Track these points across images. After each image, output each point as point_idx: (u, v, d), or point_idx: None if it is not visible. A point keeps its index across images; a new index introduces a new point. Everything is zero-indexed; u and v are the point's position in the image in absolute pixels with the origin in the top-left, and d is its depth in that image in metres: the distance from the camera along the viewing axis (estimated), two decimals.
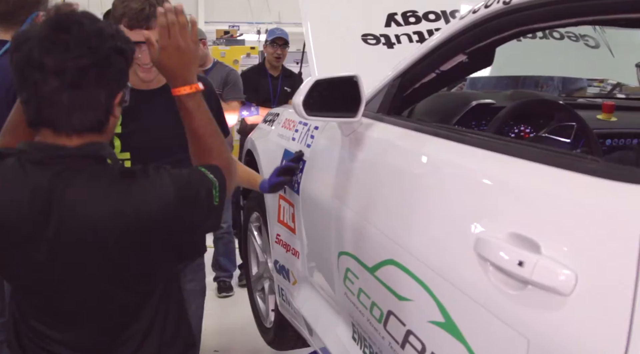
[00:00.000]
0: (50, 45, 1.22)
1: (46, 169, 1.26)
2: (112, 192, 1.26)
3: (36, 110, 1.26)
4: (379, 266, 1.55)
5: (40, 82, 1.22)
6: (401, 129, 1.70)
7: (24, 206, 1.26)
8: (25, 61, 1.23)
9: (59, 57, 1.21)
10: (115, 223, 1.24)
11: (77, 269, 1.29)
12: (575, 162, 1.06)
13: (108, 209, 1.24)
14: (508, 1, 1.40)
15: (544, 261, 0.98)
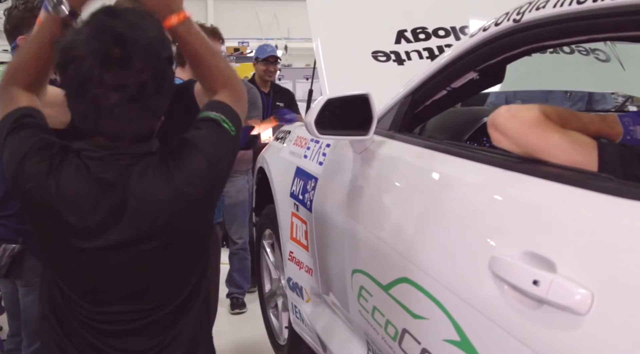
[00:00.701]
0: (108, 61, 1.25)
1: (110, 164, 1.35)
2: (164, 178, 1.35)
3: (95, 122, 1.31)
4: (393, 284, 1.55)
5: (101, 97, 1.26)
6: (413, 147, 1.71)
7: (90, 199, 1.34)
8: (84, 77, 1.25)
9: (119, 74, 1.25)
10: (173, 204, 1.35)
11: (148, 252, 1.39)
12: (590, 180, 1.06)
13: (167, 193, 1.35)
14: (518, 19, 1.41)
15: (559, 280, 0.98)
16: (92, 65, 1.24)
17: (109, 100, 1.26)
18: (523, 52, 1.51)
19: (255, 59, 4.84)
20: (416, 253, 1.47)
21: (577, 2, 1.24)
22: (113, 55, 1.24)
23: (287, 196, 2.56)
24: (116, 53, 1.25)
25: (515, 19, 1.42)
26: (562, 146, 1.19)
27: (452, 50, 1.71)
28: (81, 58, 1.25)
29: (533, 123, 1.23)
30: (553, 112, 1.27)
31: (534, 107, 1.25)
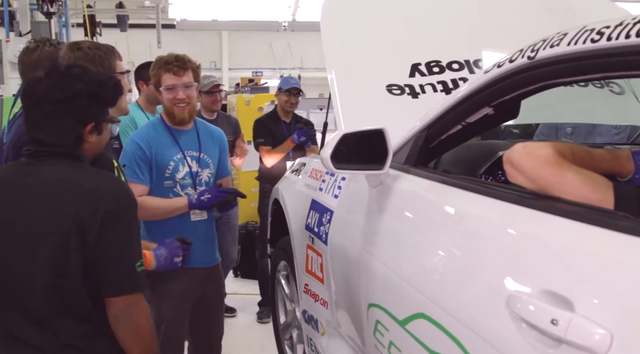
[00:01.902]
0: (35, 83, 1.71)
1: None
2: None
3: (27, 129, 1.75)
4: (409, 319, 1.55)
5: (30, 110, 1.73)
6: (429, 182, 1.72)
7: None
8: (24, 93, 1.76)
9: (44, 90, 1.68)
10: None
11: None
12: (607, 219, 1.07)
13: None
14: (532, 56, 1.43)
15: (578, 319, 0.98)
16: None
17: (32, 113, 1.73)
18: (537, 89, 1.53)
19: (279, 90, 4.93)
20: (433, 289, 1.47)
21: (592, 40, 1.25)
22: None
23: (302, 229, 2.57)
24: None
25: (530, 56, 1.44)
26: (578, 184, 1.20)
27: (467, 86, 1.73)
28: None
29: (548, 161, 1.24)
30: (567, 150, 1.29)
31: (549, 145, 1.26)
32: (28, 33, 7.08)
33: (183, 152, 2.82)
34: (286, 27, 9.98)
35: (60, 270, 1.62)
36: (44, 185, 1.67)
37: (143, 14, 14.86)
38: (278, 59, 21.16)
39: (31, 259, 1.62)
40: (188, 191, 2.81)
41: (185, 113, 2.79)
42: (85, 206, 1.62)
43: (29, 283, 1.62)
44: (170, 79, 2.75)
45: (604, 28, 1.24)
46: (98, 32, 9.68)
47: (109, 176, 1.84)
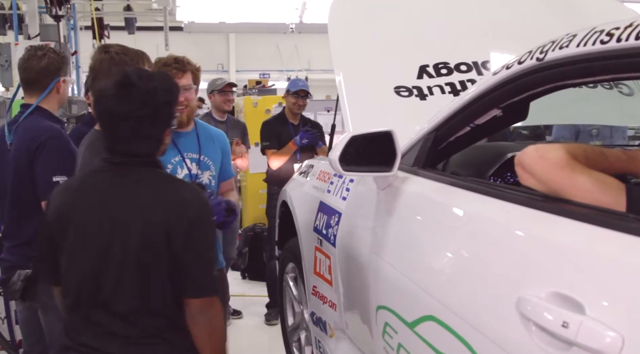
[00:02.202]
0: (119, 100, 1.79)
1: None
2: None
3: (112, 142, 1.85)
4: (418, 321, 1.55)
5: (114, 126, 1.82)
6: (438, 184, 1.71)
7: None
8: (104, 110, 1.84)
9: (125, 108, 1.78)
10: None
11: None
12: (618, 221, 1.06)
13: None
14: (541, 57, 1.43)
15: (588, 322, 0.97)
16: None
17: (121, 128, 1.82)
18: (546, 90, 1.52)
19: (287, 92, 4.93)
20: (442, 291, 1.46)
21: (601, 41, 1.25)
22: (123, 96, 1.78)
23: (310, 231, 2.57)
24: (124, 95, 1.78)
25: (539, 57, 1.43)
26: (590, 187, 1.20)
27: (475, 88, 1.73)
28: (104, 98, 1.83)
29: (560, 164, 1.23)
30: (580, 152, 1.28)
31: (561, 148, 1.26)
32: (37, 36, 7.11)
33: (182, 154, 2.77)
34: (293, 29, 10.00)
35: (150, 272, 1.76)
36: (133, 193, 1.81)
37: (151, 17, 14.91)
38: (285, 61, 21.17)
39: (123, 261, 1.76)
40: None
41: (184, 116, 2.74)
42: (173, 214, 1.77)
43: (119, 283, 1.76)
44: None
45: (613, 29, 1.23)
46: (106, 35, 9.71)
47: (187, 184, 2.01)
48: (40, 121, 2.71)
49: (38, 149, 2.62)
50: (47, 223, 1.88)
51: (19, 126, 2.71)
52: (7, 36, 9.82)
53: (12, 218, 2.79)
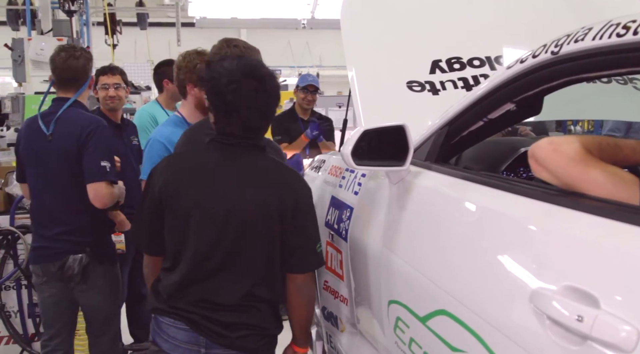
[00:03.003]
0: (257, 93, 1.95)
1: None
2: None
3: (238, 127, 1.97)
4: (430, 315, 1.54)
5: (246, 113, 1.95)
6: (450, 178, 1.71)
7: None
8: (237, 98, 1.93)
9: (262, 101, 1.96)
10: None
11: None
12: (632, 215, 1.05)
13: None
14: (556, 51, 1.41)
15: (603, 316, 0.96)
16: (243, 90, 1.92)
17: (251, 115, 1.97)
18: (561, 84, 1.51)
19: (296, 87, 4.95)
20: (454, 285, 1.46)
21: (617, 34, 1.24)
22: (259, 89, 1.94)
23: (322, 225, 2.57)
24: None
25: (554, 51, 1.42)
26: (603, 181, 1.19)
27: (489, 82, 1.72)
28: (234, 85, 1.91)
29: (574, 157, 1.22)
30: (594, 145, 1.27)
31: (575, 140, 1.25)
32: (49, 31, 7.15)
33: None
34: (305, 25, 9.98)
35: (260, 249, 1.95)
36: (247, 173, 1.99)
37: (163, 12, 14.95)
38: (297, 57, 21.16)
39: (237, 237, 1.93)
40: None
41: None
42: (284, 196, 1.95)
43: (231, 258, 1.93)
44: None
45: (630, 22, 1.22)
46: (118, 31, 9.75)
47: (291, 169, 2.16)
48: (82, 112, 3.00)
49: (88, 136, 2.86)
50: (154, 196, 1.99)
51: (60, 117, 2.93)
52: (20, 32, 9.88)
53: (60, 205, 2.96)
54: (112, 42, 8.98)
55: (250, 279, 1.95)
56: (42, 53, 6.43)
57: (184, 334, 1.93)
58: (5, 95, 6.46)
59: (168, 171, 2.02)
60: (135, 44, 15.81)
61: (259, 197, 1.94)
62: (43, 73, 6.38)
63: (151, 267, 2.12)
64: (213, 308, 1.94)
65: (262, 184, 1.96)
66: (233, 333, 1.94)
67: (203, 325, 1.92)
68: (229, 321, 1.94)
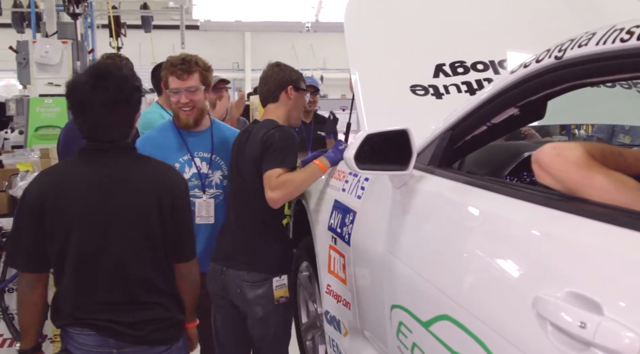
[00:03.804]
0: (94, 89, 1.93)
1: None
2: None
3: (89, 129, 1.99)
4: (433, 321, 1.54)
5: (91, 112, 1.95)
6: (454, 183, 1.70)
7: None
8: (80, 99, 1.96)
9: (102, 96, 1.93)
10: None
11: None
12: (635, 221, 1.05)
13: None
14: (560, 56, 1.41)
15: (606, 322, 0.96)
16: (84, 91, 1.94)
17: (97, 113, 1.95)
18: (565, 89, 1.51)
19: None
20: (457, 290, 1.46)
21: (621, 39, 1.23)
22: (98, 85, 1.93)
23: (325, 229, 2.57)
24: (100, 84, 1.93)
25: (557, 56, 1.42)
26: (607, 187, 1.19)
27: (492, 86, 1.72)
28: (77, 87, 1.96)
29: (577, 163, 1.22)
30: (597, 151, 1.27)
31: (578, 146, 1.25)
32: (54, 34, 7.17)
33: (191, 153, 2.79)
34: (309, 27, 9.99)
35: (146, 244, 2.00)
36: (124, 175, 2.01)
37: (167, 15, 14.99)
38: (301, 60, 21.18)
39: (123, 238, 1.97)
40: (195, 192, 2.75)
41: (190, 119, 2.78)
42: (161, 191, 2.01)
43: (121, 258, 1.97)
44: (175, 82, 2.74)
45: (634, 27, 1.22)
46: (123, 33, 9.77)
47: (166, 165, 2.19)
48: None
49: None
50: (32, 216, 1.96)
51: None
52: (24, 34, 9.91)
53: None
54: (116, 44, 9.00)
55: (141, 277, 2.00)
56: (47, 56, 6.45)
57: (92, 339, 1.96)
58: (10, 97, 6.48)
59: (43, 188, 1.99)
60: (139, 47, 15.86)
61: (136, 198, 1.98)
62: (47, 75, 6.40)
63: (32, 284, 2.03)
64: (114, 310, 1.97)
65: (138, 185, 2.00)
66: (140, 331, 1.99)
67: (109, 328, 1.96)
68: (133, 321, 1.98)
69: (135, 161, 2.06)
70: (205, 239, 2.79)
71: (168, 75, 2.75)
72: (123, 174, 2.00)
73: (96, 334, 1.96)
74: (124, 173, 2.00)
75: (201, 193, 2.79)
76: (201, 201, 2.79)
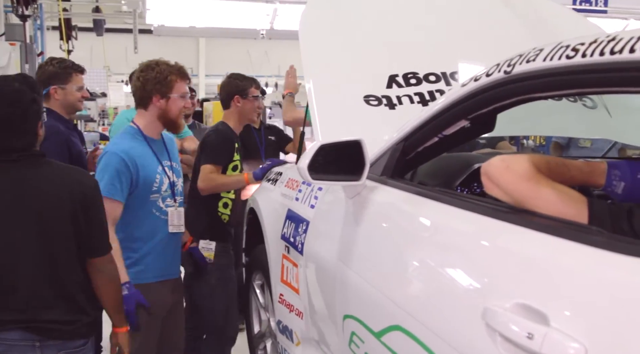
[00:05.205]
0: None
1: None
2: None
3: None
4: (385, 331, 1.55)
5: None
6: (405, 193, 1.72)
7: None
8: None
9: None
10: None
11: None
12: (581, 233, 1.08)
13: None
14: (509, 71, 1.44)
15: (553, 333, 0.98)
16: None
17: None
18: (513, 103, 1.54)
19: None
20: (409, 301, 1.47)
21: (567, 56, 1.27)
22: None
23: (277, 238, 2.57)
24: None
25: (506, 70, 1.45)
26: (553, 199, 1.22)
27: (444, 99, 1.74)
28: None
29: (525, 176, 1.25)
30: (543, 164, 1.30)
31: (526, 159, 1.28)
32: (2, 35, 6.98)
33: (161, 162, 2.74)
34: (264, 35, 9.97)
35: (66, 245, 2.09)
36: (33, 180, 2.09)
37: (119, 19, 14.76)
38: (255, 66, 21.09)
39: (35, 241, 2.05)
40: (168, 202, 2.73)
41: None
42: (72, 192, 2.09)
43: (34, 261, 2.06)
44: (185, 87, 2.75)
45: (579, 45, 1.25)
46: (74, 36, 9.58)
47: (75, 168, 2.30)
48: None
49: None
50: None
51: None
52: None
53: None
54: (67, 47, 8.82)
55: (56, 276, 2.09)
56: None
57: (15, 334, 2.03)
58: None
59: None
60: (91, 50, 15.56)
61: (48, 201, 2.07)
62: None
63: None
64: (33, 311, 2.05)
65: (48, 189, 2.09)
66: (64, 326, 2.09)
67: (30, 327, 2.05)
68: (53, 319, 2.07)
69: (44, 167, 2.14)
70: (174, 247, 2.82)
71: (179, 80, 2.72)
72: (33, 180, 2.09)
73: (18, 329, 2.04)
74: (34, 179, 2.09)
75: (172, 201, 2.76)
76: (173, 210, 2.75)
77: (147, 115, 2.73)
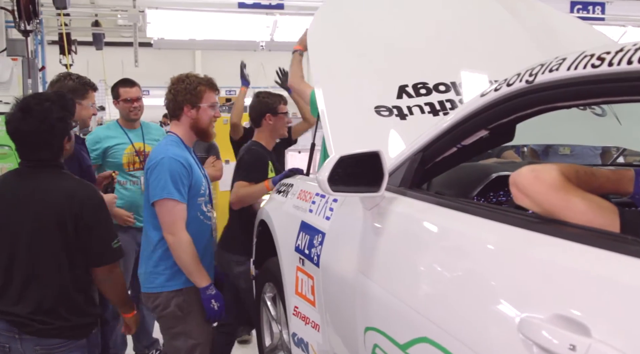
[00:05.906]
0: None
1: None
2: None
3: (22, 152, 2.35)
4: (411, 343, 1.54)
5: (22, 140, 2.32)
6: (427, 204, 1.72)
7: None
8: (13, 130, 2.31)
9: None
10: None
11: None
12: (617, 243, 1.07)
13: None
14: (531, 80, 1.44)
15: (597, 344, 0.98)
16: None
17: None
18: (535, 112, 1.54)
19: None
20: (436, 312, 1.46)
21: (592, 65, 1.27)
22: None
23: (291, 250, 2.55)
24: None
25: (528, 80, 1.45)
26: (584, 209, 1.22)
27: (463, 109, 1.74)
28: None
29: (554, 185, 1.25)
30: (572, 173, 1.30)
31: (555, 169, 1.27)
32: (3, 51, 6.97)
33: (201, 169, 2.86)
34: (263, 46, 10.01)
35: (68, 250, 2.27)
36: (38, 187, 2.31)
37: (118, 33, 14.77)
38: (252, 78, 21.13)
39: (33, 243, 2.25)
40: (208, 207, 2.86)
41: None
42: (71, 202, 2.26)
43: (33, 262, 2.25)
44: (213, 97, 2.81)
45: (604, 54, 1.25)
46: (73, 50, 9.59)
47: (84, 182, 2.44)
48: None
49: None
50: None
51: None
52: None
53: None
54: (67, 61, 8.82)
55: (53, 282, 2.26)
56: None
57: (1, 324, 2.25)
58: None
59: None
60: (87, 64, 15.57)
61: (50, 209, 2.25)
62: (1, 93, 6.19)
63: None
64: (17, 306, 2.24)
65: (53, 199, 2.27)
66: (38, 324, 2.25)
67: (10, 320, 2.25)
68: (29, 316, 2.24)
69: (56, 177, 2.34)
70: (212, 251, 2.97)
71: (208, 90, 2.79)
72: (43, 188, 2.30)
73: (2, 320, 2.26)
74: (44, 187, 2.30)
75: (210, 207, 2.89)
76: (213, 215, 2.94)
77: (181, 125, 2.82)
